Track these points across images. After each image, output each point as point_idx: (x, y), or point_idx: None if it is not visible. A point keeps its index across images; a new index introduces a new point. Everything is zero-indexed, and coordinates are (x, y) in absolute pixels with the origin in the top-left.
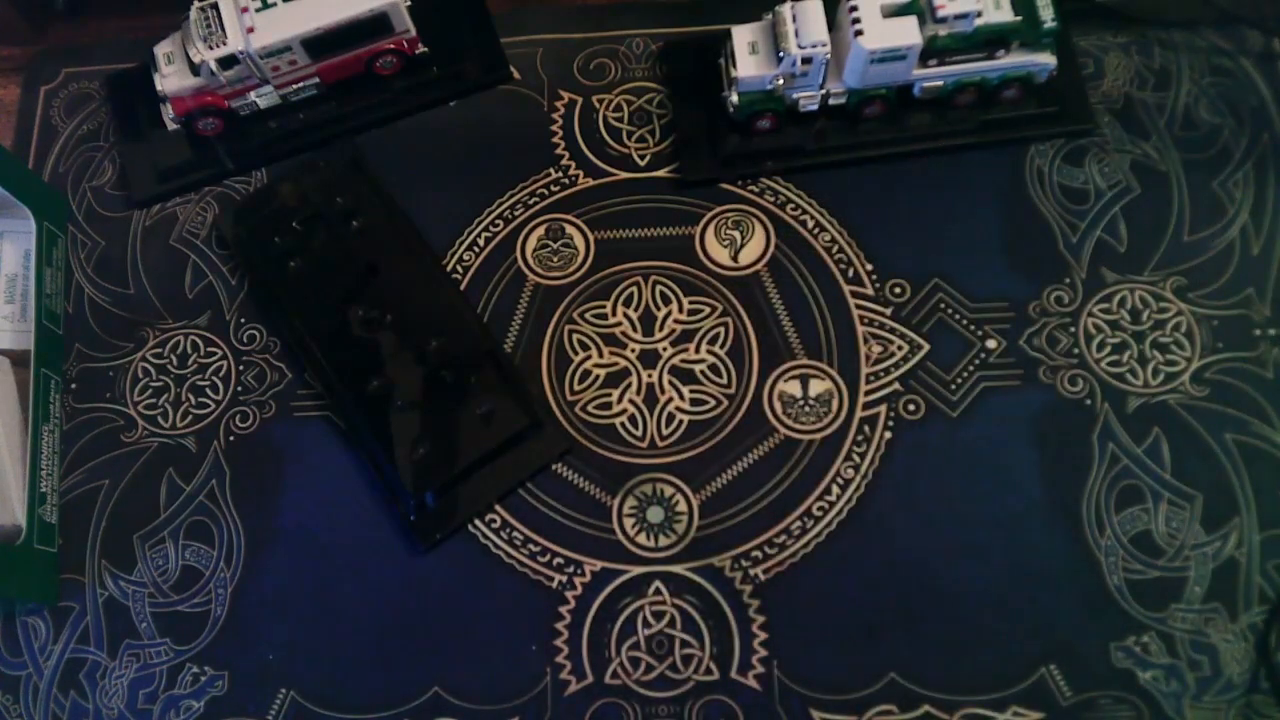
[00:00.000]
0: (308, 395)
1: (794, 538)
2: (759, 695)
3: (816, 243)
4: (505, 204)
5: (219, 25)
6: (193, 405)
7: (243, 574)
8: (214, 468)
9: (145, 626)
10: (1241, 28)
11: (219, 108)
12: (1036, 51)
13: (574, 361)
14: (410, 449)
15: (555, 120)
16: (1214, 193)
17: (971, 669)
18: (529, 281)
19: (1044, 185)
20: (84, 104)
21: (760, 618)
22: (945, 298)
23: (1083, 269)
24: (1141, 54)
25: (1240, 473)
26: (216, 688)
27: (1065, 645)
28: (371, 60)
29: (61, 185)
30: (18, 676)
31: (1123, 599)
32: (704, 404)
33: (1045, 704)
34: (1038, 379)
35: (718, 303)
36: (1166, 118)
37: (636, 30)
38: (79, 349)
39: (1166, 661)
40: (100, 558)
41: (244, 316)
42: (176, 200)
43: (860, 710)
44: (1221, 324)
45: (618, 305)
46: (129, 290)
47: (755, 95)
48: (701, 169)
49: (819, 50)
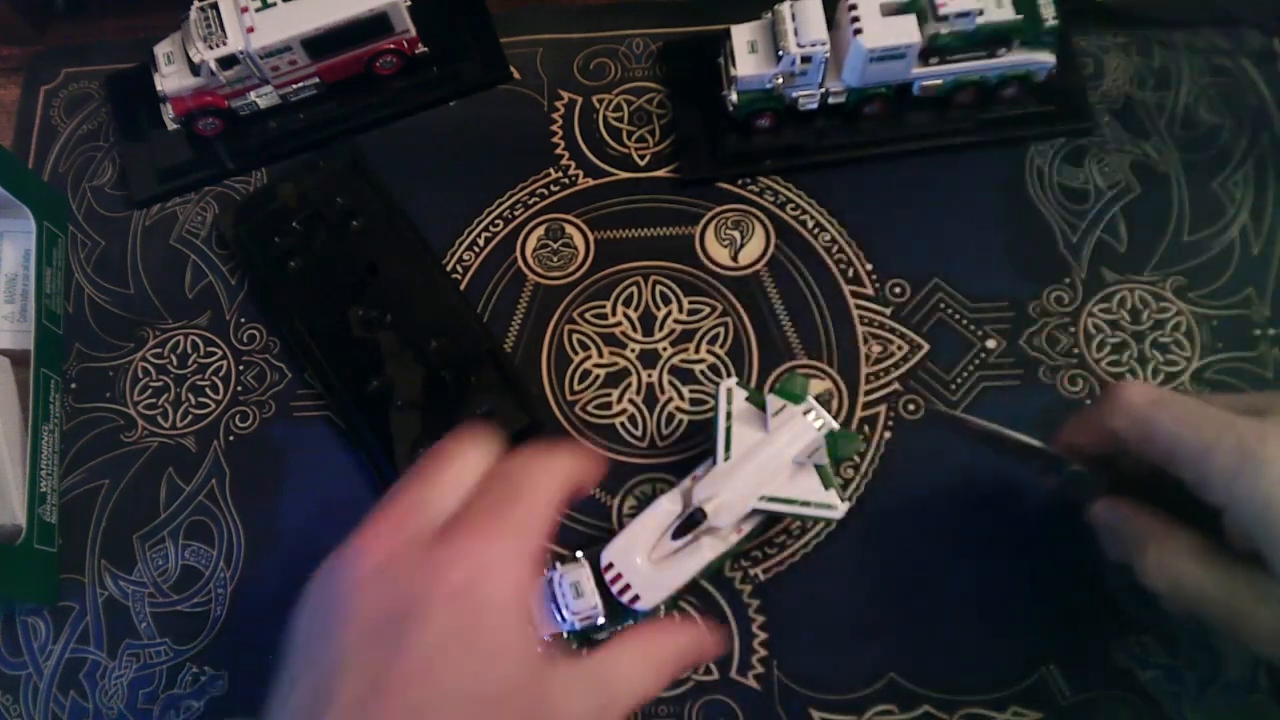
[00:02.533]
0: (308, 395)
1: (794, 537)
2: (759, 695)
3: (816, 243)
4: (505, 204)
5: (219, 25)
6: (193, 405)
7: (243, 574)
8: (214, 468)
9: (145, 626)
10: (1241, 28)
11: (219, 108)
12: (1037, 50)
13: (574, 361)
14: (410, 449)
15: (555, 120)
16: (1214, 193)
17: (971, 669)
18: (529, 281)
19: (1044, 185)
20: (84, 104)
21: (760, 618)
22: (945, 298)
23: (1083, 269)
24: (1141, 54)
25: None
26: (216, 688)
27: (1065, 645)
28: (371, 60)
29: (61, 185)
30: (17, 676)
31: (1122, 599)
32: (704, 404)
33: (1045, 704)
34: (1038, 379)
35: (718, 303)
36: (1166, 118)
37: (636, 30)
38: (79, 349)
39: (1166, 661)
40: (100, 558)
41: (244, 316)
42: (176, 200)
43: (860, 710)
44: (1221, 324)
45: (618, 305)
46: (129, 290)
47: (755, 94)
48: (701, 168)
49: (818, 49)
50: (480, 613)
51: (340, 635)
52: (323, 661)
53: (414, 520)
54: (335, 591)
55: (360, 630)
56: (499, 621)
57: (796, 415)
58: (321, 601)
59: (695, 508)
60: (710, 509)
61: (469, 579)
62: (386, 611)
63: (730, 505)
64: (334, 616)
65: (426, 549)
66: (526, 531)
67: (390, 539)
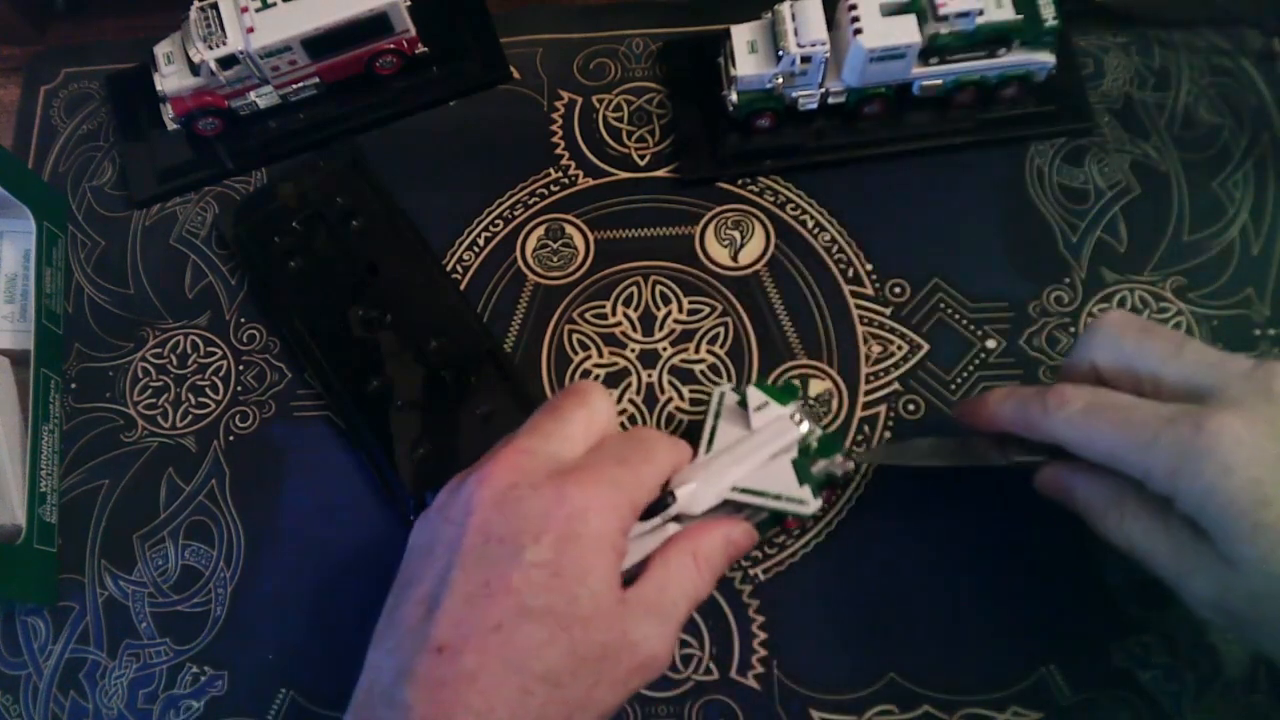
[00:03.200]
0: (308, 395)
1: (794, 537)
2: (759, 695)
3: (816, 243)
4: (505, 204)
5: (219, 25)
6: (193, 405)
7: (243, 574)
8: (214, 468)
9: (145, 626)
10: (1241, 28)
11: (219, 108)
12: (1037, 50)
13: (574, 361)
14: (410, 449)
15: (555, 120)
16: (1214, 193)
17: (971, 669)
18: (529, 281)
19: (1044, 185)
20: (84, 104)
21: (760, 618)
22: (945, 298)
23: (1082, 269)
24: (1141, 54)
25: None
26: (216, 688)
27: (1065, 645)
28: (371, 60)
29: (61, 185)
30: (17, 676)
31: (1122, 599)
32: (704, 404)
33: (1045, 704)
34: (1038, 379)
35: (718, 303)
36: (1166, 118)
37: (636, 30)
38: (79, 349)
39: (1166, 661)
40: (100, 558)
41: (244, 316)
42: (176, 200)
43: (860, 710)
44: (1221, 324)
45: (617, 305)
46: (129, 290)
47: (754, 94)
48: (701, 168)
49: (818, 49)
50: (580, 547)
51: (462, 542)
52: (446, 558)
53: (539, 454)
54: (464, 506)
55: (479, 540)
56: (593, 559)
57: (779, 414)
58: (449, 511)
59: (667, 491)
60: (681, 494)
61: (576, 514)
62: (504, 530)
63: (702, 493)
64: (460, 526)
65: (547, 481)
66: (635, 489)
67: (515, 471)
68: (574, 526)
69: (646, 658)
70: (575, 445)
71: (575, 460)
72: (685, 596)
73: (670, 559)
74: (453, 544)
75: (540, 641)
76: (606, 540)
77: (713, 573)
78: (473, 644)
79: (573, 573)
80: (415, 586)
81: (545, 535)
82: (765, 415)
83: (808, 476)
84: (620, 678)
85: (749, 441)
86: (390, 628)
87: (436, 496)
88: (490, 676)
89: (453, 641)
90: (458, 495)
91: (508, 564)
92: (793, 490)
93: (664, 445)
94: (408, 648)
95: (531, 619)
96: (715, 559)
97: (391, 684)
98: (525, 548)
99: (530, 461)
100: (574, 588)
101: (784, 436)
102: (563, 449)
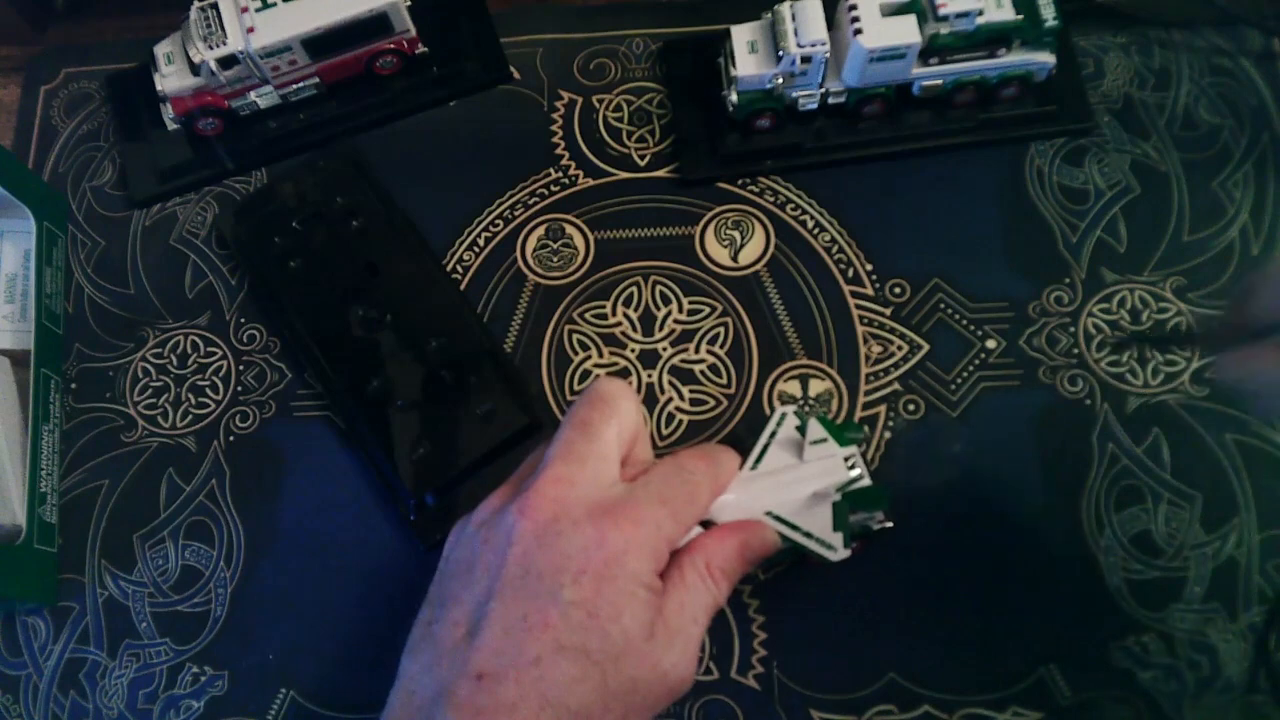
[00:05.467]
0: (308, 395)
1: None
2: (759, 695)
3: (816, 243)
4: (505, 204)
5: (219, 25)
6: (193, 405)
7: (243, 574)
8: (214, 468)
9: (145, 626)
10: (1241, 28)
11: (219, 108)
12: (1037, 50)
13: (574, 361)
14: (410, 449)
15: (555, 120)
16: (1214, 193)
17: (971, 669)
18: (529, 281)
19: (1044, 185)
20: (84, 104)
21: (760, 618)
22: (945, 298)
23: (1082, 269)
24: (1141, 54)
25: (1240, 473)
26: (216, 688)
27: (1065, 645)
28: (371, 60)
29: (61, 185)
30: (17, 676)
31: (1122, 599)
32: (704, 404)
33: (1045, 704)
34: (1037, 379)
35: (718, 303)
36: (1166, 118)
37: (636, 30)
38: (79, 349)
39: (1166, 661)
40: (100, 558)
41: (244, 316)
42: (176, 200)
43: (860, 710)
44: (1221, 324)
45: (618, 305)
46: (129, 290)
47: (754, 94)
48: (701, 168)
49: (818, 49)
50: (615, 588)
51: (503, 571)
52: (486, 584)
53: (579, 484)
54: (505, 535)
55: (519, 572)
56: (627, 599)
57: (834, 453)
58: (490, 536)
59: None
60: (713, 505)
61: (614, 558)
62: (544, 565)
63: (733, 506)
64: (501, 555)
65: (588, 519)
66: (674, 531)
67: (557, 504)
68: (611, 569)
69: (676, 683)
70: (611, 463)
71: (614, 483)
72: (704, 611)
73: (687, 575)
74: (493, 571)
75: (574, 677)
76: (641, 581)
77: (729, 582)
78: (512, 675)
79: (608, 613)
80: (453, 607)
81: (584, 576)
82: (819, 450)
83: (843, 523)
84: (650, 705)
85: (796, 471)
86: (427, 641)
87: (476, 511)
88: (529, 708)
89: (493, 670)
90: (500, 521)
91: (546, 600)
92: (826, 534)
93: (708, 483)
94: (446, 668)
95: (567, 656)
96: (731, 568)
97: (430, 702)
98: (564, 586)
99: (571, 493)
100: (607, 626)
101: (831, 476)
102: (600, 471)
